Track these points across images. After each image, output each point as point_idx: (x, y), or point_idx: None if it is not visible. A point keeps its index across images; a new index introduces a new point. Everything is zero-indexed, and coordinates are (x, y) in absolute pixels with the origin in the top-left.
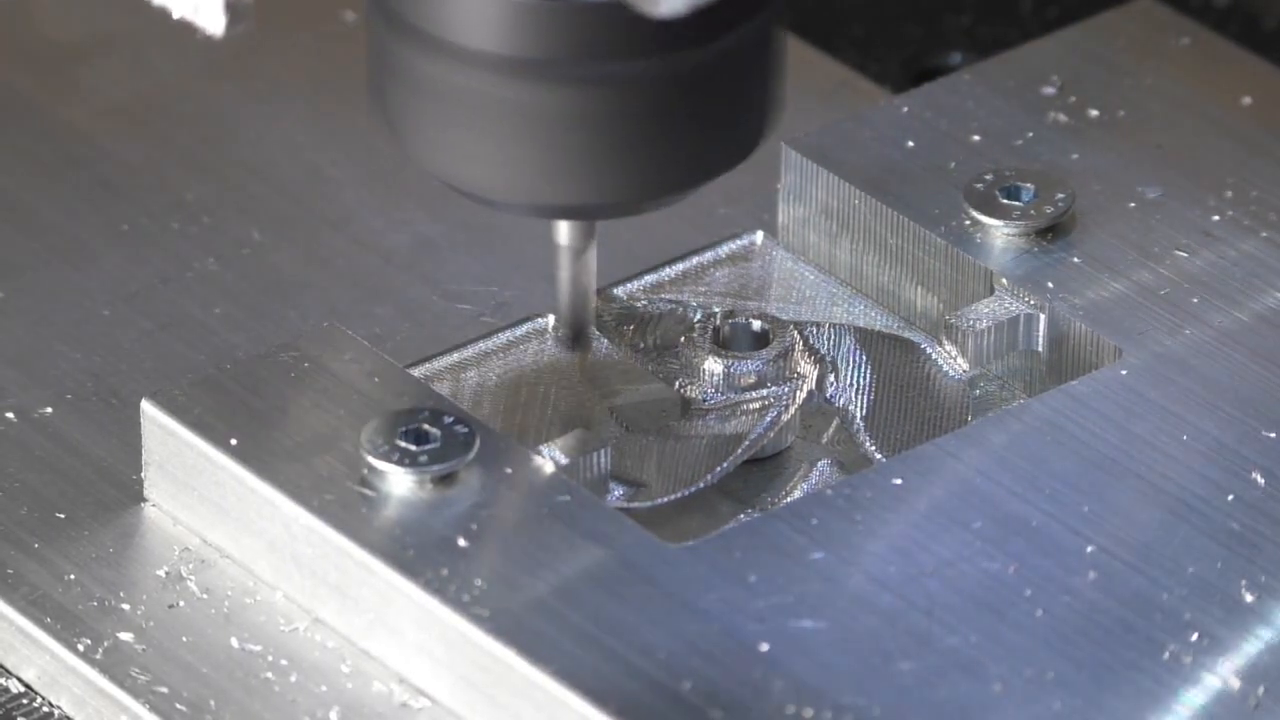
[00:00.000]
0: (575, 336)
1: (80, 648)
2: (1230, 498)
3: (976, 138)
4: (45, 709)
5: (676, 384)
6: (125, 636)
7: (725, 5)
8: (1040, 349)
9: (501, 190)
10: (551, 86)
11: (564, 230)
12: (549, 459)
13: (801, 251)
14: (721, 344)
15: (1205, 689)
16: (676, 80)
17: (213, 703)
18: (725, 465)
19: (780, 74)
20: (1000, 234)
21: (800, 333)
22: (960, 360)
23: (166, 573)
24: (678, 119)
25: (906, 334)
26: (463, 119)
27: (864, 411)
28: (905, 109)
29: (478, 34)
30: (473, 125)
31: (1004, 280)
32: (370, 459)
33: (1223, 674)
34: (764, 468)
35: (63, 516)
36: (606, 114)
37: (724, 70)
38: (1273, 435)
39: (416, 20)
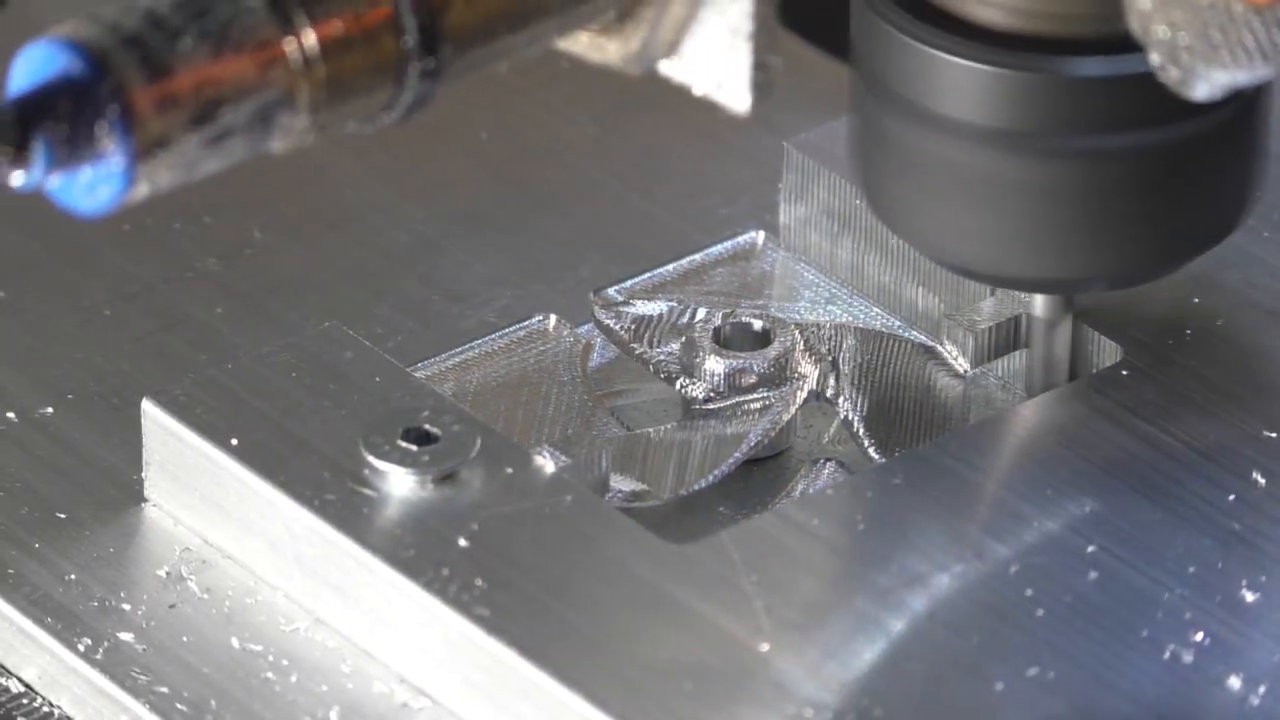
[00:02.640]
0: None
1: (81, 648)
2: (1230, 498)
3: None
4: (45, 709)
5: (677, 384)
6: (126, 636)
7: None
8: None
9: (980, 262)
10: (1036, 159)
11: (1040, 303)
12: (549, 459)
13: (802, 251)
14: (722, 344)
15: (1205, 689)
16: (1161, 155)
17: (213, 703)
18: (726, 465)
19: (1264, 146)
20: None
21: (801, 333)
22: (961, 360)
23: (167, 573)
24: (1162, 194)
25: (907, 334)
26: (942, 189)
27: (864, 412)
28: None
29: (962, 104)
30: (952, 196)
31: None
32: (371, 459)
33: (1223, 674)
34: (764, 468)
35: (63, 516)
36: (1090, 189)
37: (1210, 145)
38: (1273, 435)
39: (901, 88)
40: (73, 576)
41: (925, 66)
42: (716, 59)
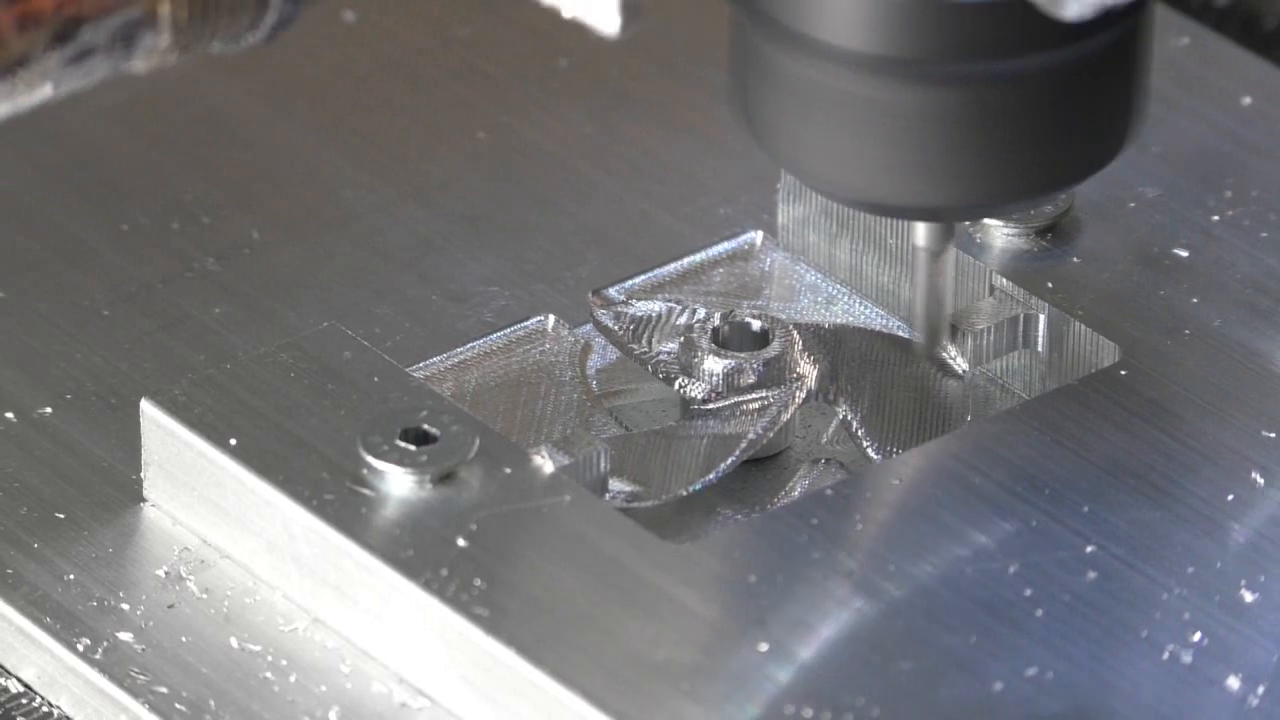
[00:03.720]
0: (931, 340)
1: (80, 647)
2: (1230, 497)
3: None
4: (45, 709)
5: (676, 384)
6: (125, 636)
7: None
8: (1040, 349)
9: (862, 190)
10: (916, 86)
11: (922, 231)
12: (548, 459)
13: (801, 251)
14: (721, 344)
15: (1205, 689)
16: (1043, 80)
17: (212, 703)
18: (725, 465)
19: (1146, 75)
20: (1000, 234)
21: (799, 333)
22: (960, 360)
23: (166, 572)
24: (1043, 120)
25: (906, 334)
26: (824, 118)
27: (863, 411)
28: None
29: (843, 32)
30: (833, 124)
31: (1004, 280)
32: (370, 459)
33: (1223, 674)
34: (764, 468)
35: (62, 516)
36: (971, 115)
37: (1090, 70)
38: (1272, 435)
39: (790, 20)
40: (72, 576)
41: None
42: None
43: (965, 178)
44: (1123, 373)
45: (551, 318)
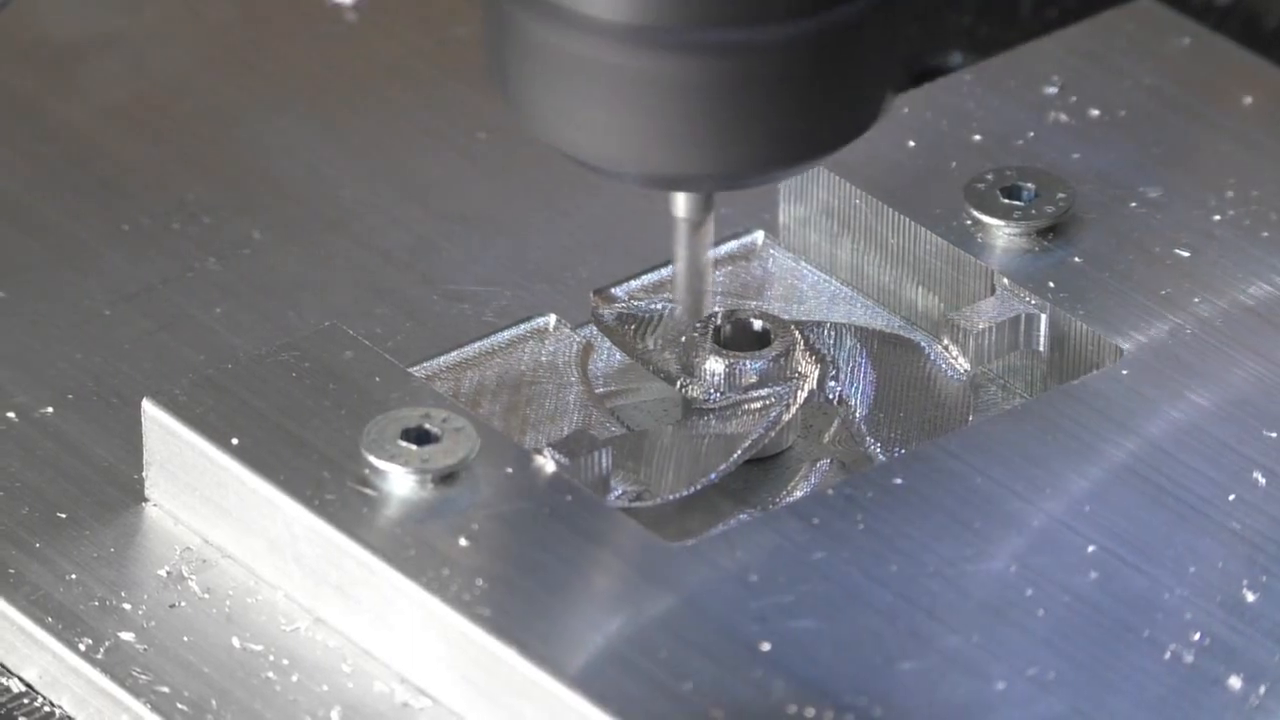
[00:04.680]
0: (692, 309)
1: (81, 647)
2: (1231, 497)
3: (977, 137)
4: (46, 709)
5: (677, 384)
6: (126, 636)
7: None
8: (1041, 349)
9: (618, 161)
10: (671, 55)
11: (681, 202)
12: (550, 459)
13: (802, 251)
14: (722, 344)
15: (1206, 689)
16: (797, 50)
17: (214, 702)
18: (726, 465)
19: (902, 48)
20: (1001, 234)
21: (801, 332)
22: (961, 360)
23: (168, 572)
24: (798, 88)
25: (907, 334)
26: (580, 89)
27: (865, 411)
28: (905, 109)
29: (598, 3)
30: (590, 94)
31: (1005, 280)
32: (371, 458)
33: (1223, 674)
34: (765, 467)
35: (64, 516)
36: (725, 83)
37: (844, 39)
38: (1273, 435)
39: None
40: (73, 576)
41: None
42: None
43: (720, 147)
44: (1123, 373)
45: (552, 317)
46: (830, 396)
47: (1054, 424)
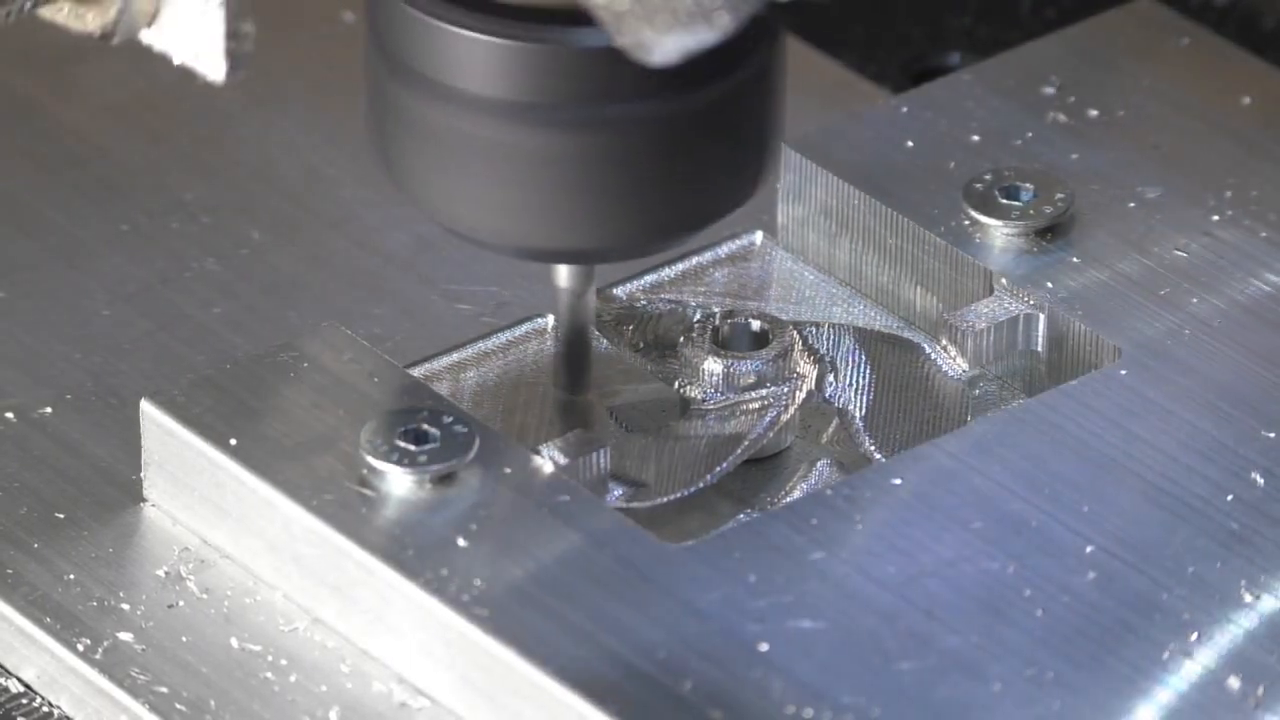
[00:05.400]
0: (573, 381)
1: (80, 648)
2: (1230, 497)
3: (976, 138)
4: (45, 709)
5: (676, 384)
6: (125, 636)
7: (724, 48)
8: (1040, 349)
9: (500, 235)
10: (552, 130)
11: (563, 273)
12: (548, 459)
13: (801, 251)
14: (721, 344)
15: (1205, 689)
16: (677, 123)
17: (212, 703)
18: (725, 465)
19: (781, 114)
20: (1000, 234)
21: (799, 333)
22: (960, 360)
23: (166, 573)
24: (679, 162)
25: (906, 334)
26: (461, 164)
27: (863, 411)
28: (904, 109)
29: (474, 78)
30: (469, 170)
31: (1003, 280)
32: (370, 459)
33: (1222, 674)
34: (763, 468)
35: (62, 516)
36: (603, 158)
37: (724, 112)
38: (1272, 435)
39: (414, 64)
40: (72, 576)
41: (435, 40)
42: (192, 28)
43: (603, 221)
44: (1123, 373)
45: (551, 317)
46: (829, 397)
47: (1052, 424)
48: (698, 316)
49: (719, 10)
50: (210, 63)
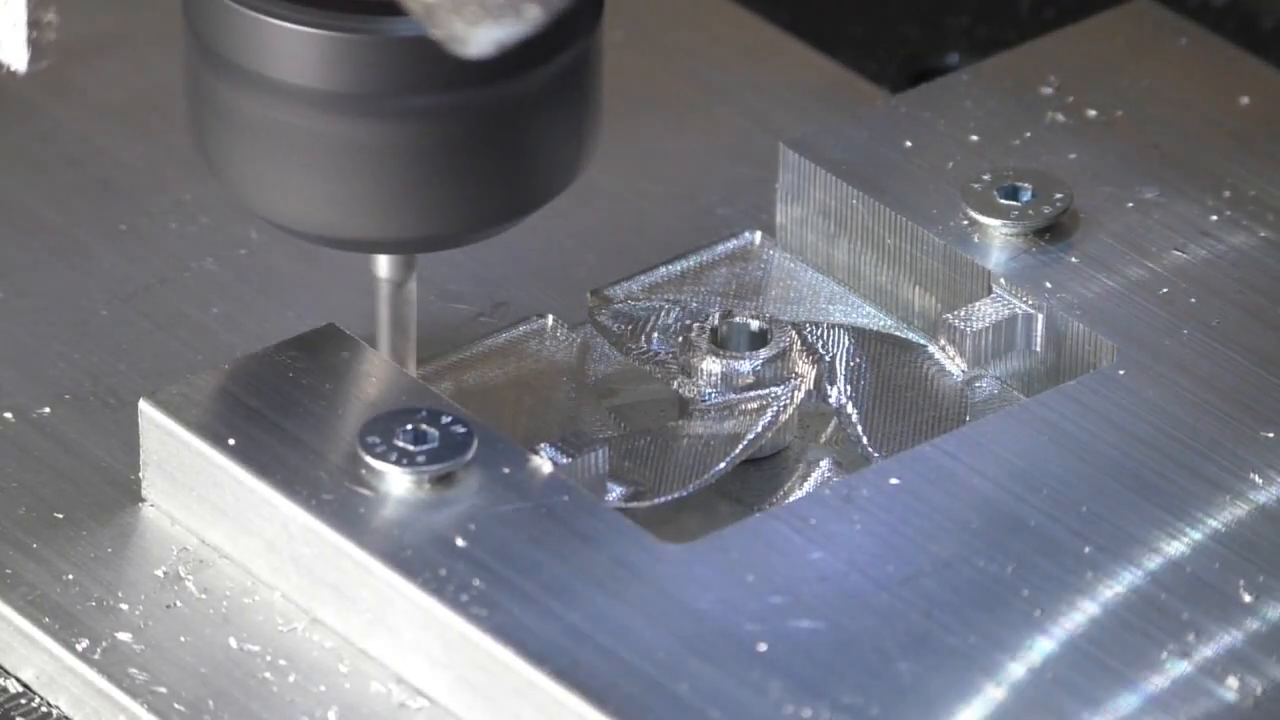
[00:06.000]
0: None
1: (79, 648)
2: (1229, 498)
3: (974, 138)
4: (43, 709)
5: (675, 384)
6: (123, 636)
7: (539, 39)
8: (1038, 349)
9: (319, 226)
10: (366, 120)
11: (384, 263)
12: (547, 459)
13: (799, 251)
14: (719, 344)
15: (1203, 689)
16: (490, 113)
17: (211, 703)
18: (723, 465)
19: (597, 104)
20: (998, 234)
21: (798, 333)
22: (958, 360)
23: (165, 573)
24: (493, 151)
25: (904, 334)
26: (278, 156)
27: (862, 411)
28: (903, 109)
29: (289, 69)
30: (286, 161)
31: (1002, 280)
32: (368, 459)
33: (1221, 674)
34: (762, 468)
35: (61, 516)
36: (419, 148)
37: (537, 102)
38: (1270, 435)
39: (231, 55)
40: (70, 576)
41: (248, 30)
42: None
43: (419, 211)
44: (1121, 373)
45: (550, 318)
46: (827, 397)
47: (1051, 424)
48: (697, 317)
49: (529, 3)
50: (12, 52)
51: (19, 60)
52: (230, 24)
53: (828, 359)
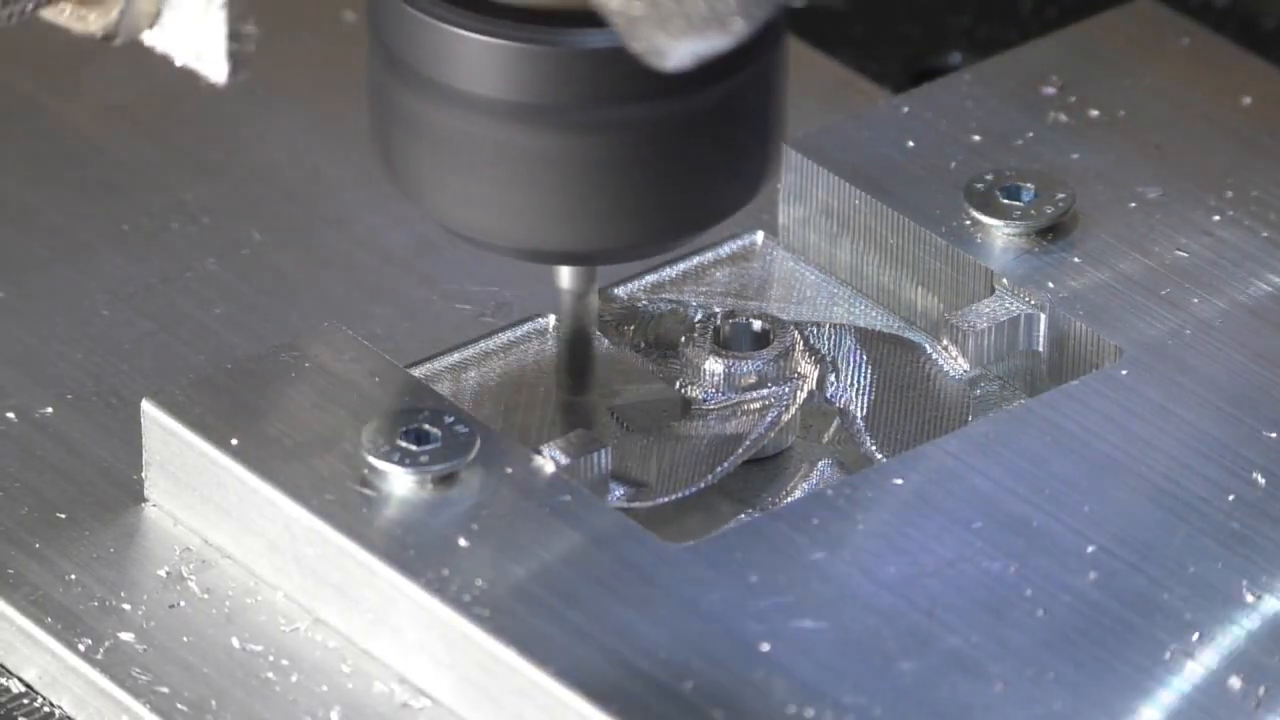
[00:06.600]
0: (576, 383)
1: (81, 648)
2: (1230, 497)
3: (976, 138)
4: (46, 709)
5: (677, 384)
6: (126, 636)
7: (728, 51)
8: (1040, 349)
9: (503, 236)
10: (555, 132)
11: (566, 274)
12: (549, 459)
13: (802, 251)
14: (722, 344)
15: (1206, 689)
16: (679, 124)
17: (213, 703)
18: (726, 465)
19: (783, 115)
20: (1000, 234)
21: (800, 333)
22: (961, 360)
23: (167, 573)
24: (681, 163)
25: (907, 334)
26: (463, 165)
27: (864, 412)
28: (905, 109)
29: (477, 80)
30: (473, 171)
31: (1004, 280)
32: (371, 459)
33: (1223, 674)
34: (764, 468)
35: (63, 516)
36: (607, 160)
37: (726, 114)
38: (1273, 435)
39: (418, 65)
40: (73, 576)
41: (438, 42)
42: (194, 29)
43: (605, 222)
44: (1123, 373)
45: (552, 317)
46: (829, 397)
47: (1053, 424)
48: (699, 316)
49: (733, 15)
50: (212, 64)
51: (219, 73)
52: (419, 35)
53: (830, 359)
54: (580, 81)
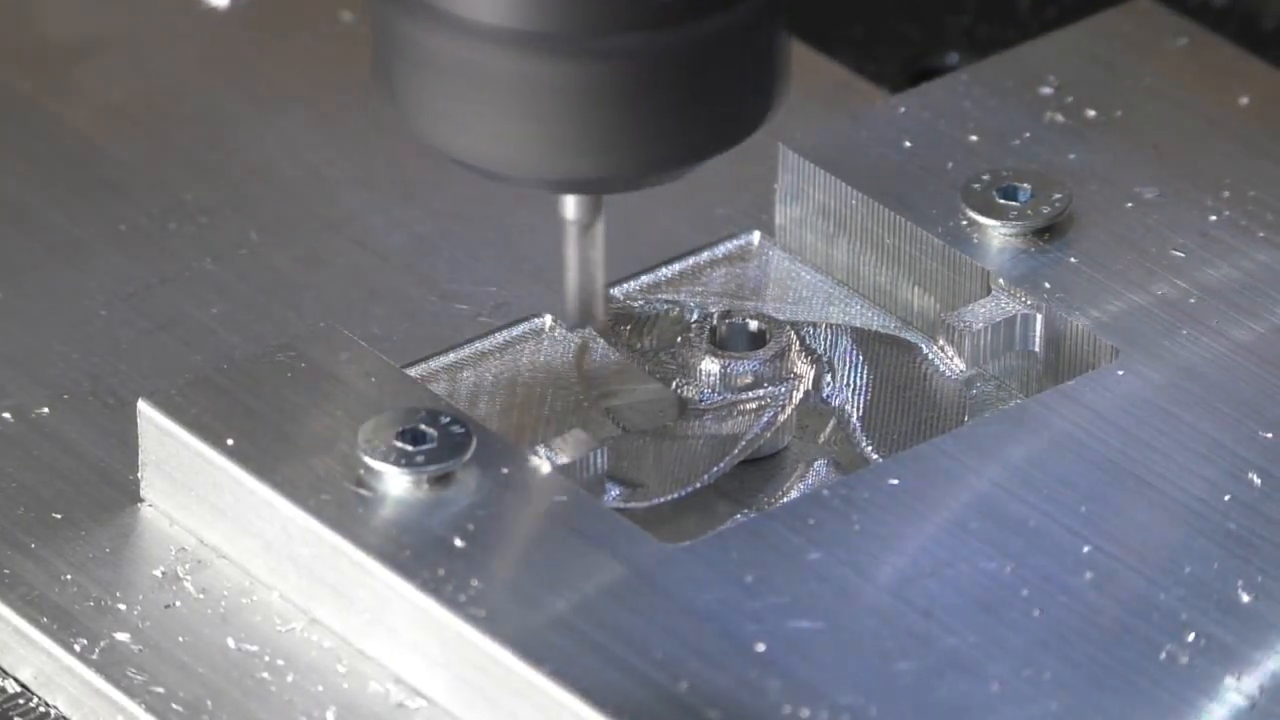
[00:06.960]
0: (583, 313)
1: (77, 648)
2: (1227, 498)
3: (974, 138)
4: (41, 709)
5: (673, 384)
6: (122, 636)
7: None
8: (1037, 349)
9: (508, 164)
10: (558, 60)
11: (570, 204)
12: (546, 459)
13: (798, 252)
14: (718, 344)
15: (1203, 689)
16: (682, 53)
17: (209, 703)
18: (722, 465)
19: (786, 50)
20: (997, 234)
21: (797, 333)
22: (957, 360)
23: (163, 573)
24: (683, 92)
25: (903, 334)
26: (469, 94)
27: (861, 412)
28: (903, 109)
29: (484, 8)
30: (478, 100)
31: (1001, 280)
32: (367, 459)
33: (1220, 675)
34: (761, 468)
35: (59, 516)
36: (612, 87)
37: (729, 44)
38: (1270, 436)
39: None
40: (69, 576)
41: None
42: None
43: (610, 149)
44: (1120, 373)
45: (549, 317)
46: (826, 397)
47: (1050, 424)
48: (695, 317)
49: None
50: None
51: None
52: None
53: (826, 359)
54: (585, 9)
